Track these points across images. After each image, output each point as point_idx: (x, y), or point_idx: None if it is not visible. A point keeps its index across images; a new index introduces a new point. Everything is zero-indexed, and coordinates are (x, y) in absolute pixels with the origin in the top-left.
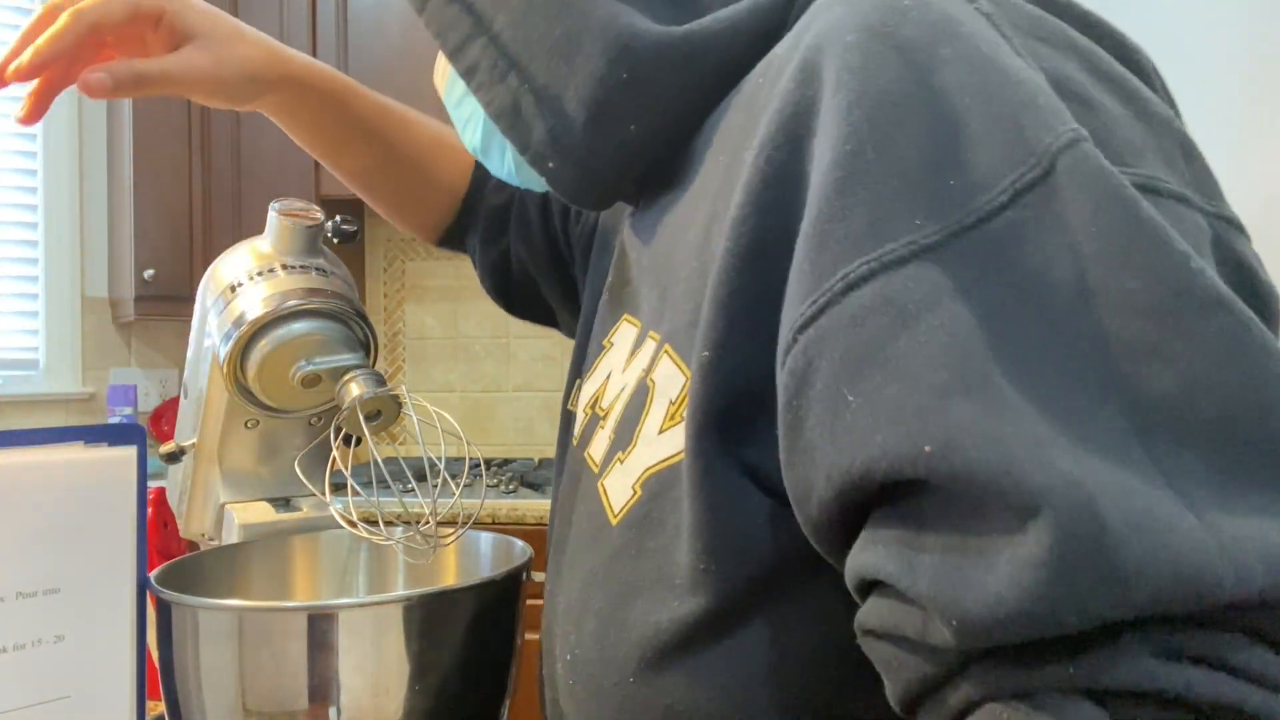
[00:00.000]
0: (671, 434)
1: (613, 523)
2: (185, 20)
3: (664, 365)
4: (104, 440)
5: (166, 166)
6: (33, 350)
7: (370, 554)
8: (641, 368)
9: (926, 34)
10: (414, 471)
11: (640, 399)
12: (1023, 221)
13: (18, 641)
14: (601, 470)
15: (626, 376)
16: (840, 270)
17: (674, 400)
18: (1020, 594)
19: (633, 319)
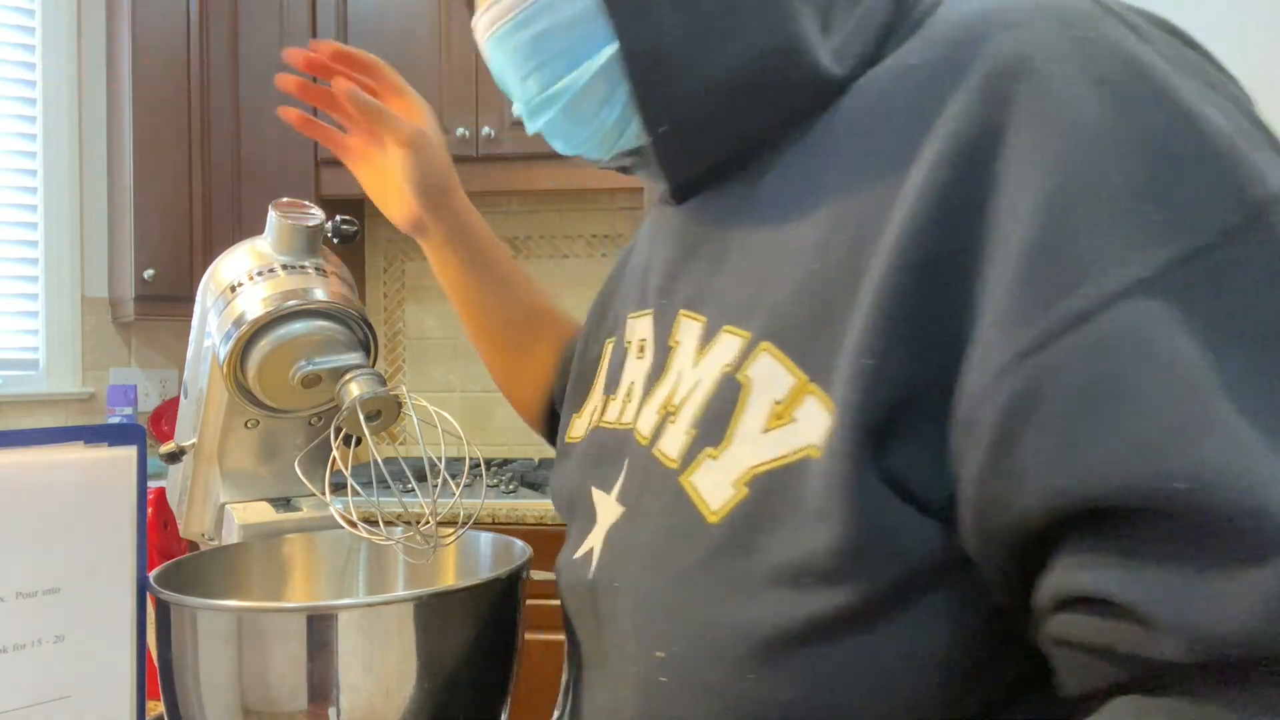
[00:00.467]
0: (781, 434)
1: (711, 520)
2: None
3: (763, 363)
4: (104, 440)
5: (166, 166)
6: (33, 350)
7: (370, 554)
8: (724, 363)
9: (1122, 71)
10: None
11: (728, 395)
12: (1233, 261)
13: (18, 641)
14: (683, 467)
15: (700, 371)
16: (1064, 300)
17: (780, 400)
18: (1258, 620)
19: (693, 314)
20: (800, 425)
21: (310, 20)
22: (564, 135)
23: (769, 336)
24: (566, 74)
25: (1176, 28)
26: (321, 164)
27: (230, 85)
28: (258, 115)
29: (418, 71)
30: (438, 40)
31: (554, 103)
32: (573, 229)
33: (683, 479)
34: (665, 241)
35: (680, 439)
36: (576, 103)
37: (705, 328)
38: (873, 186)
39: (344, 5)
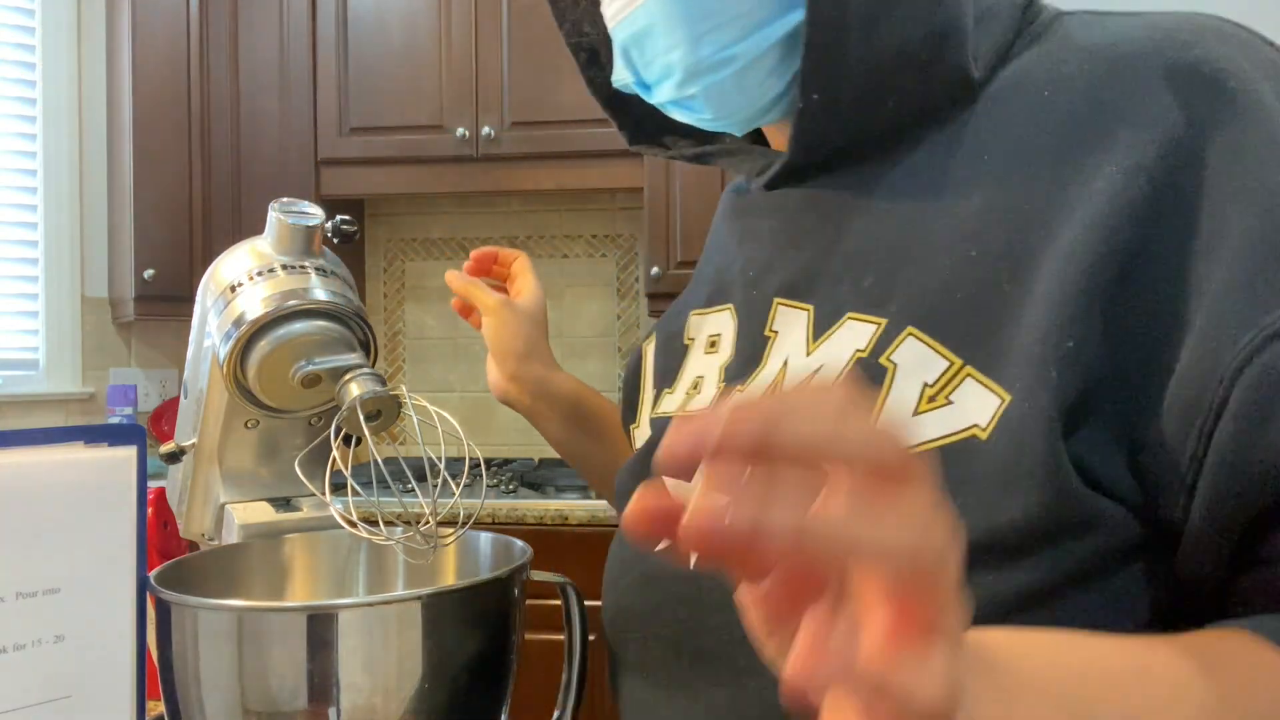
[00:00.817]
0: (935, 416)
1: None
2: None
3: (910, 347)
4: (104, 440)
5: (166, 166)
6: (33, 350)
7: (370, 554)
8: (856, 348)
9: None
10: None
11: (871, 378)
12: None
13: (18, 641)
14: None
15: (821, 357)
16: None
17: (931, 383)
18: None
19: (795, 303)
20: (958, 407)
21: (310, 20)
22: (719, 103)
23: (914, 322)
24: (746, 38)
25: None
26: (321, 164)
27: (230, 85)
28: (258, 115)
29: (418, 71)
30: (438, 40)
31: (727, 66)
32: (573, 229)
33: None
34: (751, 232)
35: None
36: (748, 69)
37: (815, 315)
38: (1036, 185)
39: (344, 5)
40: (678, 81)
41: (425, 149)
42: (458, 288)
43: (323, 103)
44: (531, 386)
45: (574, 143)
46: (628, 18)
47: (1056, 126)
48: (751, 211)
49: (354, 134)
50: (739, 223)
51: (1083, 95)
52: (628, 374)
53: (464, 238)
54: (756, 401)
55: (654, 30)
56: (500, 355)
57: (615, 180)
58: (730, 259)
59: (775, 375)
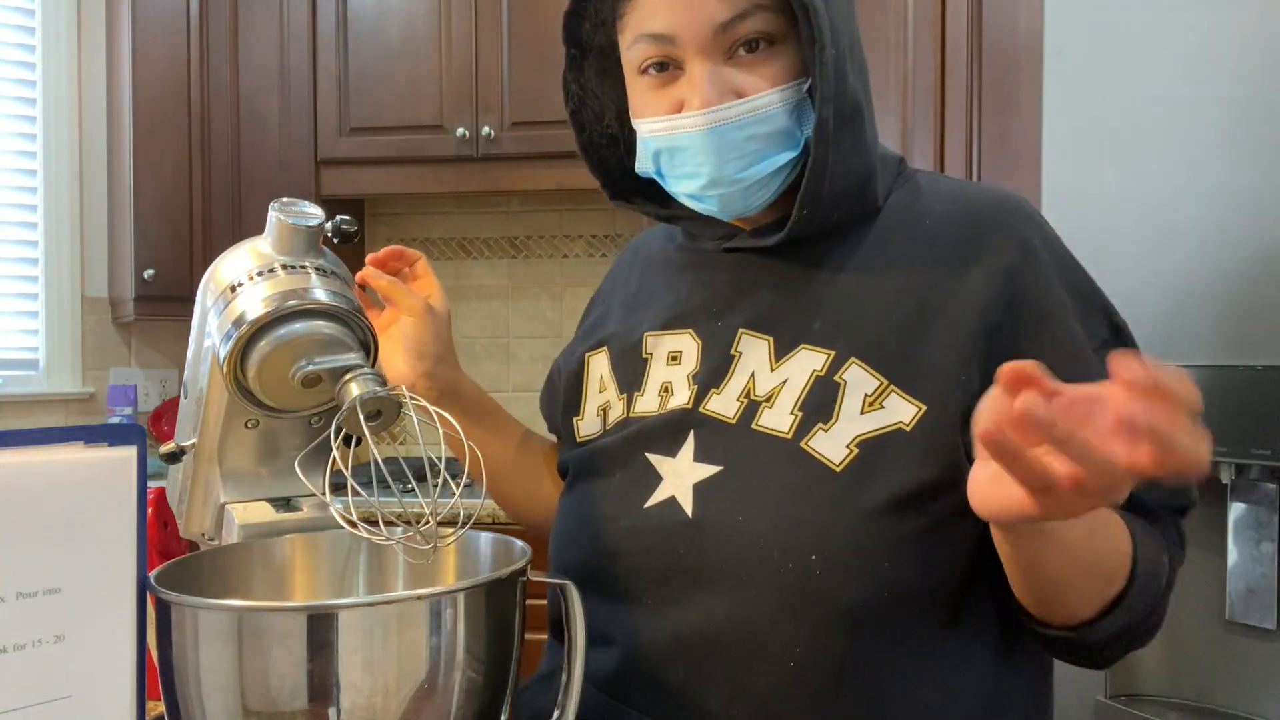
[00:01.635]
0: (873, 415)
1: (836, 470)
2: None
3: (854, 371)
4: (104, 440)
5: (166, 166)
6: (33, 350)
7: (370, 554)
8: (812, 369)
9: (1059, 242)
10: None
11: (828, 391)
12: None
13: (18, 641)
14: (797, 436)
15: (783, 374)
16: (1093, 340)
17: (869, 394)
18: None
19: (756, 333)
20: (887, 411)
21: (310, 20)
22: (725, 203)
23: (856, 355)
24: (754, 166)
25: None
26: (321, 164)
27: (230, 85)
28: (258, 115)
29: (418, 71)
30: (438, 40)
31: (738, 184)
32: (573, 229)
33: (802, 445)
34: (707, 279)
35: (786, 419)
36: (751, 186)
37: (774, 344)
38: (933, 274)
39: (344, 5)
40: (700, 186)
41: (425, 149)
42: (382, 286)
43: (323, 103)
44: (443, 385)
45: (574, 143)
46: (668, 135)
47: (943, 240)
48: (707, 265)
49: (354, 134)
50: (690, 272)
51: (957, 223)
52: (568, 376)
53: (464, 238)
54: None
55: (691, 150)
56: (418, 354)
57: None
58: (683, 296)
59: (746, 383)
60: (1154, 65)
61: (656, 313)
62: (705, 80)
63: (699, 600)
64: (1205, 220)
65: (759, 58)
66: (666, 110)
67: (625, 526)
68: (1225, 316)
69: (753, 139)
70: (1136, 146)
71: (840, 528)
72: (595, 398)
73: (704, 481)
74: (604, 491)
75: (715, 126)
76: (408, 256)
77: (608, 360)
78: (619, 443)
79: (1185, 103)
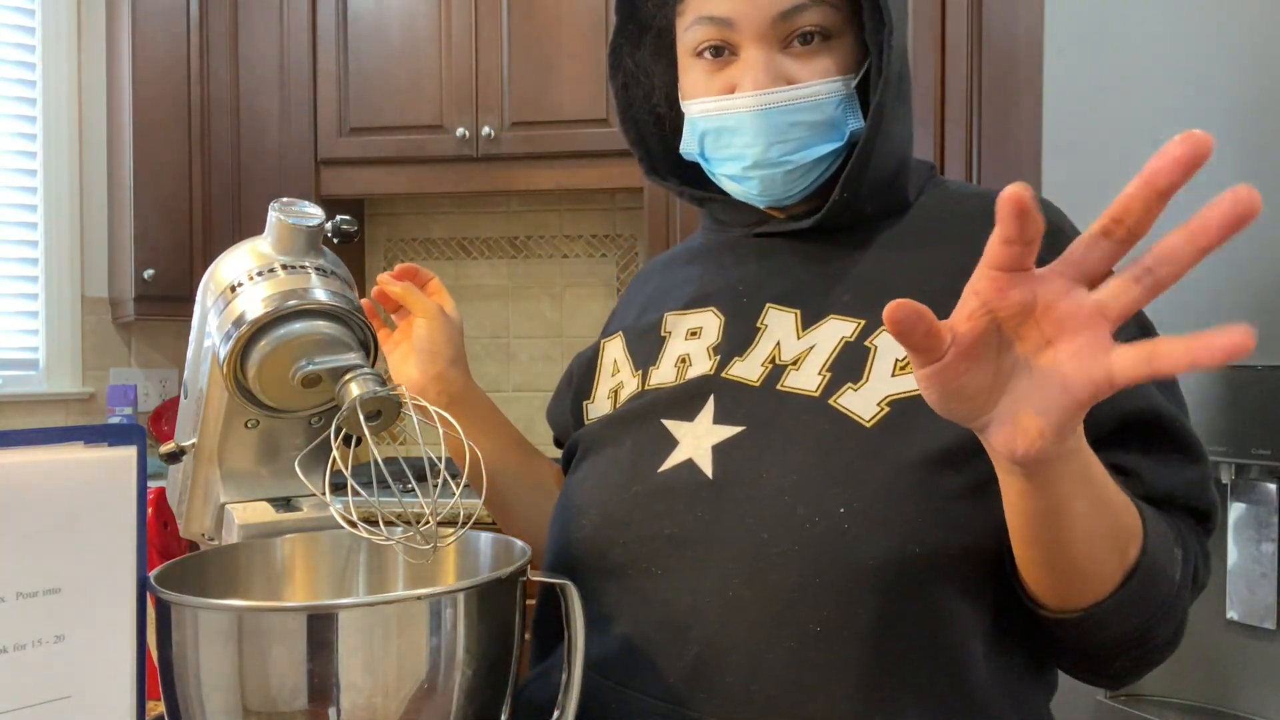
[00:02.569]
0: (906, 378)
1: (868, 426)
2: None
3: (885, 338)
4: (104, 440)
5: (166, 166)
6: (33, 350)
7: (370, 554)
8: (841, 336)
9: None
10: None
11: (858, 354)
12: None
13: (18, 641)
14: (826, 394)
15: (810, 340)
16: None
17: (900, 359)
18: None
19: (783, 307)
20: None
21: (310, 20)
22: (766, 187)
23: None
24: (799, 152)
25: None
26: (321, 164)
27: (230, 85)
28: (258, 115)
29: (418, 71)
30: (438, 40)
31: (781, 167)
32: (573, 229)
33: (831, 401)
34: (737, 262)
35: (814, 379)
36: (793, 171)
37: (801, 315)
38: (964, 252)
39: (344, 5)
40: (744, 168)
41: (425, 149)
42: (396, 291)
43: (323, 103)
44: (453, 389)
45: (574, 143)
46: (718, 115)
47: (974, 226)
48: (734, 250)
49: (354, 134)
50: (715, 258)
51: (987, 213)
52: (581, 361)
53: (464, 238)
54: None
55: (738, 131)
56: (430, 356)
57: (615, 180)
58: (705, 280)
59: (771, 350)
60: (1154, 65)
61: (678, 296)
62: (760, 65)
63: (716, 566)
64: None
65: (813, 49)
66: (718, 92)
67: (637, 492)
68: (1225, 317)
69: (798, 125)
70: (1136, 147)
71: (872, 482)
72: (608, 382)
73: (724, 442)
74: (614, 460)
75: (765, 109)
76: (421, 275)
77: (623, 343)
78: (631, 413)
79: (1185, 103)
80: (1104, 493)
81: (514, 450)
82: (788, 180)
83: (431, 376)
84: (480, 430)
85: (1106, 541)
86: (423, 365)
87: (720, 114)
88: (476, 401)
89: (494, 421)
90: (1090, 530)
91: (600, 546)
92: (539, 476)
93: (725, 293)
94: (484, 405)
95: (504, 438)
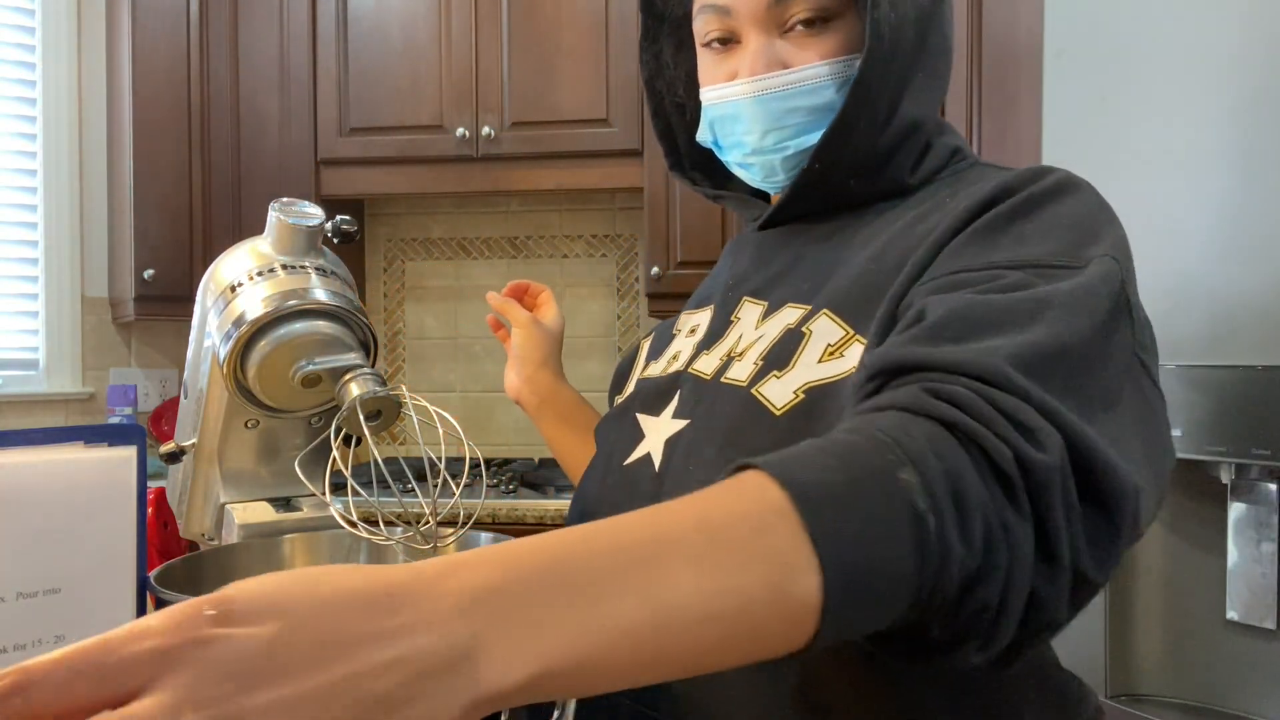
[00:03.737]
0: (832, 363)
1: (776, 414)
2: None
3: (822, 322)
4: (104, 440)
5: (166, 166)
6: (33, 350)
7: (370, 554)
8: (785, 323)
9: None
10: (414, 471)
11: (792, 341)
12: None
13: (18, 641)
14: (752, 383)
15: (763, 330)
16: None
17: (832, 344)
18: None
19: (756, 299)
20: (846, 360)
21: (310, 20)
22: (766, 171)
23: (828, 306)
24: (793, 139)
25: None
26: (321, 164)
27: (230, 85)
28: (258, 115)
29: (417, 71)
30: (438, 40)
31: (778, 153)
32: (573, 229)
33: (753, 390)
34: (741, 256)
35: (748, 368)
36: (789, 156)
37: (767, 307)
38: (921, 226)
39: (344, 5)
40: (744, 155)
41: (425, 149)
42: (497, 304)
43: (323, 103)
44: (543, 390)
45: (574, 143)
46: (720, 104)
47: (947, 209)
48: (743, 246)
49: (354, 134)
50: (731, 256)
51: (968, 196)
52: (624, 360)
53: (464, 238)
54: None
55: (739, 117)
56: (522, 360)
57: (615, 180)
58: (720, 276)
59: (733, 342)
60: (1154, 66)
61: (697, 295)
62: (756, 51)
63: None
64: (1205, 220)
65: (813, 33)
66: (723, 80)
67: (608, 484)
68: (1224, 317)
69: (795, 111)
70: (1136, 147)
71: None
72: (634, 378)
73: (673, 435)
74: (600, 454)
75: (760, 95)
76: (533, 289)
77: (650, 341)
78: (620, 407)
79: (1185, 103)
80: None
81: (579, 434)
82: (788, 166)
83: (524, 379)
84: (566, 427)
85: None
86: (516, 369)
87: (723, 101)
88: (563, 400)
89: (579, 419)
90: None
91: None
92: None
93: (723, 288)
94: (570, 402)
95: (589, 431)
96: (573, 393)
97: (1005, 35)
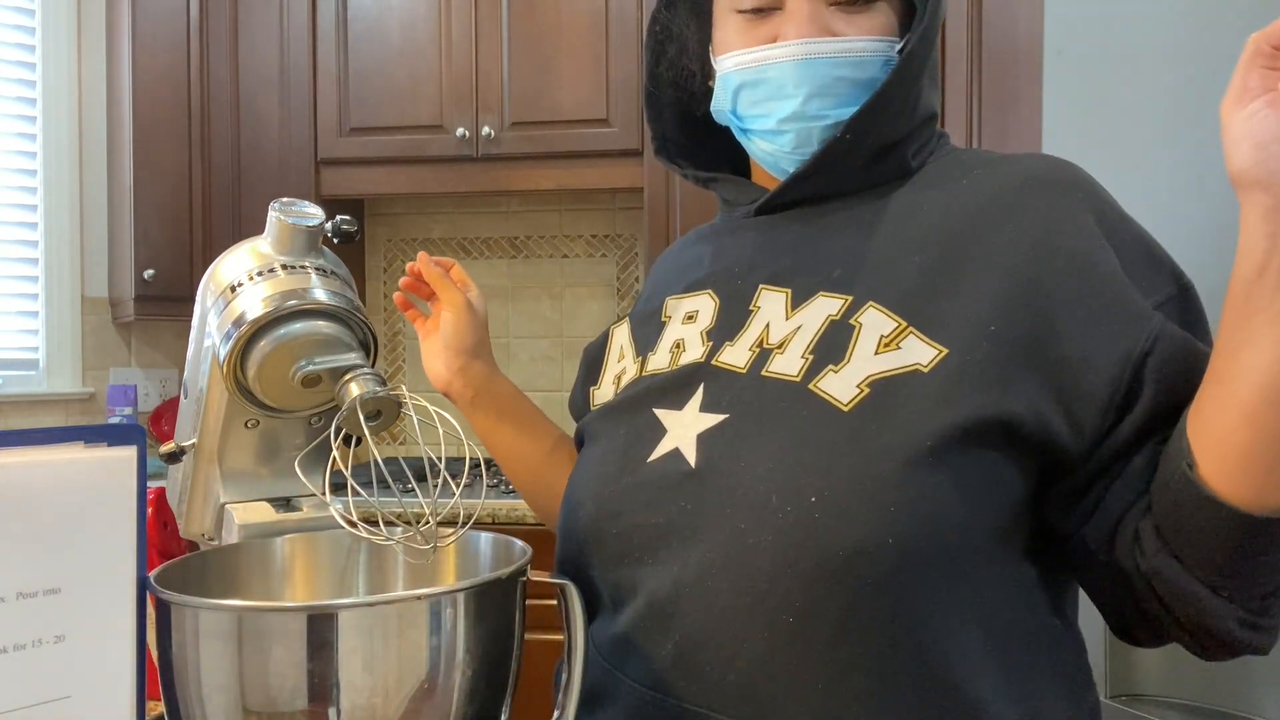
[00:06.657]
0: (888, 356)
1: (844, 410)
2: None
3: (871, 314)
4: (104, 440)
5: (166, 166)
6: (33, 350)
7: (370, 554)
8: (827, 314)
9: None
10: (414, 471)
11: (842, 333)
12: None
13: (18, 641)
14: (806, 378)
15: (798, 320)
16: (1152, 295)
17: (885, 336)
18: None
19: (775, 287)
20: (904, 352)
21: (310, 20)
22: (800, 140)
23: (874, 299)
24: (838, 108)
25: None
26: (321, 164)
27: (230, 85)
28: (258, 115)
29: (417, 72)
30: (438, 40)
31: (818, 121)
32: (572, 229)
33: (811, 386)
34: (733, 244)
35: (796, 362)
36: (828, 127)
37: (791, 294)
38: (963, 224)
39: (344, 6)
40: (778, 120)
41: (425, 149)
42: (431, 275)
43: (323, 103)
44: (478, 381)
45: (574, 143)
46: (757, 66)
47: (979, 196)
48: (735, 232)
49: (354, 134)
50: (717, 241)
51: (995, 182)
52: (591, 349)
53: (464, 238)
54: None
55: (779, 81)
56: (454, 349)
57: (615, 180)
58: (707, 262)
59: (760, 333)
60: (1154, 65)
61: (681, 280)
62: (805, 15)
63: (697, 556)
64: (1205, 219)
65: (859, 9)
66: (760, 43)
67: (628, 484)
68: None
69: (840, 81)
70: (1136, 146)
71: (844, 469)
72: (614, 368)
73: (708, 431)
74: (608, 450)
75: (809, 58)
76: (444, 262)
77: (628, 328)
78: (626, 401)
79: (1185, 103)
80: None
81: (541, 437)
82: (823, 136)
83: (455, 371)
84: (504, 421)
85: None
86: (447, 360)
87: (759, 65)
88: (501, 393)
89: (518, 412)
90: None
91: (598, 536)
92: (565, 461)
93: (722, 274)
94: (508, 396)
95: (529, 425)
96: (509, 384)
97: (1005, 35)
